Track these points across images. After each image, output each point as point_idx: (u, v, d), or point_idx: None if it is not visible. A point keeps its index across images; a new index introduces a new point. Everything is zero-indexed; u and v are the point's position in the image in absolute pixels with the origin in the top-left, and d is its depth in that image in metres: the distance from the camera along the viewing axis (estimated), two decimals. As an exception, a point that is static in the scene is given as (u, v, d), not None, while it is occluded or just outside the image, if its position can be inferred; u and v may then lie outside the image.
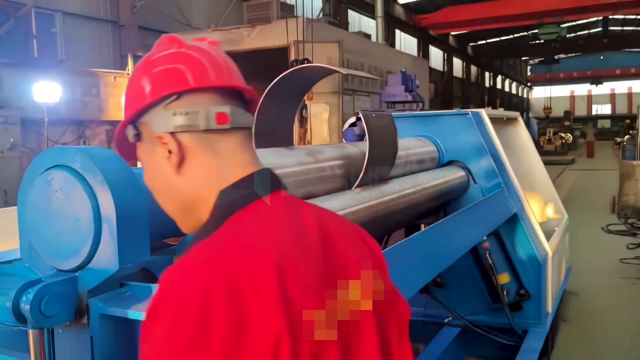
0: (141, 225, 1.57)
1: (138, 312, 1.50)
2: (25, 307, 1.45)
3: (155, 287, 1.65)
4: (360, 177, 2.76)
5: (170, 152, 0.96)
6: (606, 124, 62.24)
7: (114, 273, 1.54)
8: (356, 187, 2.77)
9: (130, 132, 1.01)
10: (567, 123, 41.35)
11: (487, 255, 4.06)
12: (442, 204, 4.06)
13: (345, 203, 2.43)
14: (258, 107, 3.07)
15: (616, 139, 35.11)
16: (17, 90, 11.26)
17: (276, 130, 3.16)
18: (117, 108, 13.72)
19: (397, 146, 3.08)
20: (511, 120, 5.42)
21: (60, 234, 1.57)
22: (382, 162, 2.90)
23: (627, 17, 45.84)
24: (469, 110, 4.29)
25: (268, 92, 3.08)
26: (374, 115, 2.92)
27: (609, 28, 48.63)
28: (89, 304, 1.56)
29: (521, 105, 67.68)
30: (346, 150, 3.01)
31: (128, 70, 13.56)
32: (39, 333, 1.51)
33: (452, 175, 3.95)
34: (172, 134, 0.95)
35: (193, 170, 0.96)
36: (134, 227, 1.55)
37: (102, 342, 1.56)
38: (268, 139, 3.08)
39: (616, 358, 4.41)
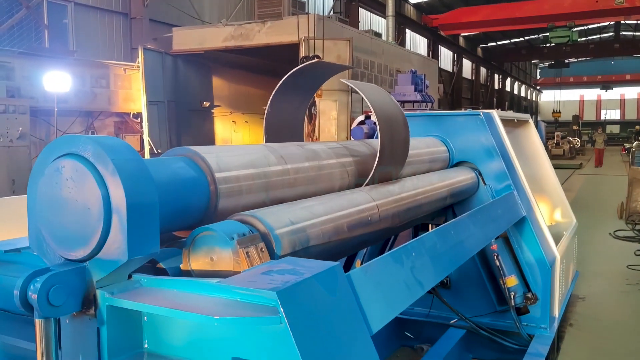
0: (152, 217, 1.55)
1: (147, 305, 1.48)
2: (32, 296, 1.43)
3: (163, 281, 1.64)
4: (370, 175, 2.73)
5: None
6: (615, 129, 61.83)
7: (123, 264, 1.52)
8: (366, 185, 2.75)
9: None
10: (575, 127, 41.12)
11: (495, 257, 4.03)
12: (451, 204, 4.03)
13: (356, 201, 2.41)
14: (269, 102, 3.05)
15: (625, 145, 34.83)
16: (28, 80, 11.29)
17: (287, 125, 3.14)
18: (126, 100, 13.73)
19: (409, 145, 3.05)
20: (522, 123, 5.38)
21: (69, 223, 1.55)
22: (393, 161, 2.88)
23: (639, 22, 45.53)
24: (480, 111, 4.25)
25: (279, 88, 3.07)
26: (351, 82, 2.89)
27: (621, 33, 48.27)
28: (97, 295, 1.54)
29: (530, 108, 67.37)
30: (357, 148, 2.99)
31: (138, 62, 13.55)
32: (45, 322, 1.49)
33: (462, 176, 3.92)
34: None
35: None
36: (144, 219, 1.53)
37: (109, 334, 1.54)
38: (279, 134, 3.06)
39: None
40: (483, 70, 49.00)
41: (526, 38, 52.00)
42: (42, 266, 1.57)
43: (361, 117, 9.34)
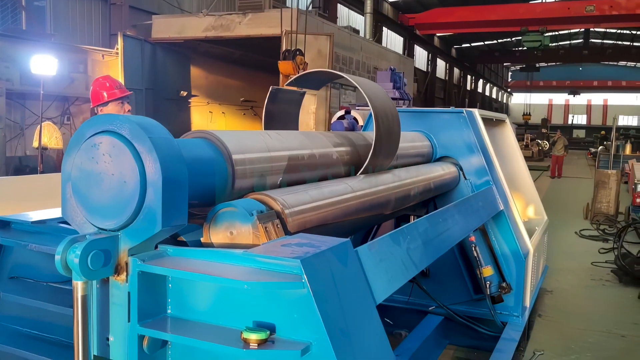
0: (182, 191, 1.69)
1: (179, 270, 1.62)
2: (74, 260, 1.56)
3: (189, 251, 1.78)
4: (365, 164, 2.89)
5: None
6: (581, 134, 63.45)
7: (154, 234, 1.65)
8: (361, 173, 2.91)
9: None
10: (544, 131, 42.10)
11: (473, 248, 4.24)
12: (432, 196, 4.23)
13: (356, 187, 2.57)
14: (269, 94, 3.20)
15: (590, 149, 35.87)
16: (4, 62, 11.12)
17: (284, 115, 3.30)
18: (103, 86, 13.59)
19: (399, 138, 3.22)
20: (499, 122, 5.61)
21: (104, 195, 1.68)
22: (386, 153, 3.05)
23: (607, 30, 46.83)
24: (463, 109, 4.45)
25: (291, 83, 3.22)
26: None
27: (590, 40, 49.55)
28: (129, 262, 1.67)
29: (501, 109, 68.54)
30: (351, 138, 3.15)
31: (117, 49, 13.45)
32: (83, 285, 1.62)
33: (444, 170, 4.12)
34: None
35: None
36: (176, 192, 1.66)
37: (139, 298, 1.67)
38: (276, 123, 3.21)
39: (585, 350, 4.64)
40: (456, 70, 49.70)
41: (499, 41, 52.92)
42: (76, 234, 1.69)
43: (341, 112, 9.51)
